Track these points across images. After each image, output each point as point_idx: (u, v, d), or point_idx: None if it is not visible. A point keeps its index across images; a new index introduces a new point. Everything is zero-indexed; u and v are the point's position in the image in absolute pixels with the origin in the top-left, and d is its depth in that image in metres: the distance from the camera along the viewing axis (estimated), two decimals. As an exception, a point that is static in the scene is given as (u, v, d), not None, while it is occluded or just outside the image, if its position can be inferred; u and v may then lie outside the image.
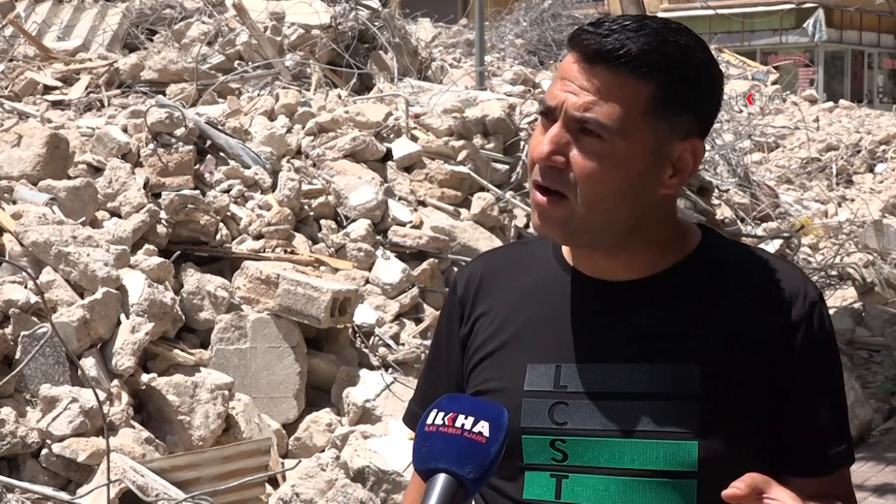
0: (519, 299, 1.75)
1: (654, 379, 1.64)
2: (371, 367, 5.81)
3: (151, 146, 6.49)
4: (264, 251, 6.25)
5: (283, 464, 5.20)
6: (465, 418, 1.44)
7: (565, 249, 1.75)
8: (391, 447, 5.06)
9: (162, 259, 5.69)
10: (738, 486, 1.50)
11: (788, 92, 22.43)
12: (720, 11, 21.65)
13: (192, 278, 5.75)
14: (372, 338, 6.03)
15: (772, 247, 10.27)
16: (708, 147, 12.21)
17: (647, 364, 1.65)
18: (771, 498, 1.51)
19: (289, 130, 7.75)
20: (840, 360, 1.74)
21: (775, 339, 1.66)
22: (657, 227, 1.67)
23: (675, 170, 1.64)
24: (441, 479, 1.41)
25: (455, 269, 6.81)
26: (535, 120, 8.60)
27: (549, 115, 1.63)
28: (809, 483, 1.69)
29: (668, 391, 1.63)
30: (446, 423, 1.44)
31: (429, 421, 1.46)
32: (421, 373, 1.92)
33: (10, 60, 8.77)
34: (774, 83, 22.32)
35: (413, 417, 1.84)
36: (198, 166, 6.67)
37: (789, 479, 1.68)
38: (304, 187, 6.86)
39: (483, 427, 1.43)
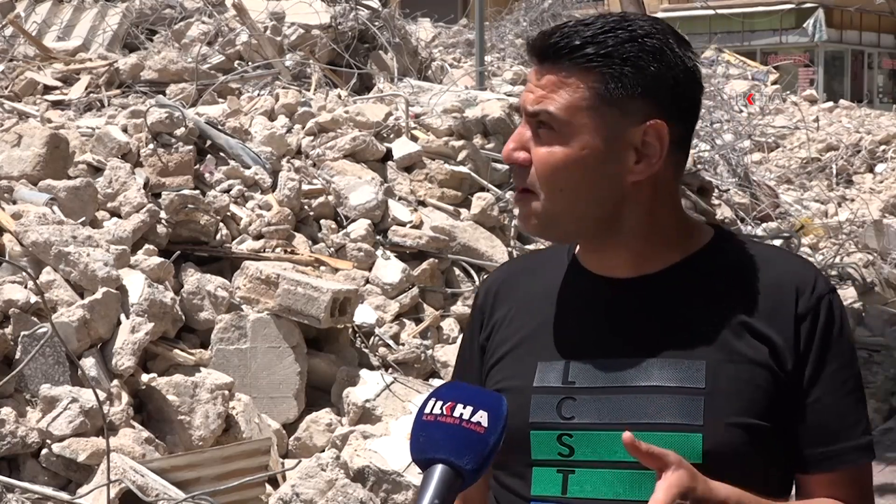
0: (533, 301, 1.78)
1: (660, 373, 1.66)
2: (371, 367, 5.81)
3: (151, 146, 6.49)
4: (264, 251, 6.25)
5: (283, 464, 5.20)
6: (464, 408, 1.43)
7: (577, 249, 1.79)
8: (391, 447, 5.06)
9: (162, 259, 5.69)
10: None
11: (788, 92, 22.43)
12: (720, 11, 21.63)
13: (192, 278, 5.75)
14: (372, 338, 6.03)
15: (772, 247, 10.27)
16: (707, 147, 12.26)
17: (653, 358, 1.67)
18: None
19: (289, 130, 7.75)
20: (855, 354, 1.73)
21: (781, 333, 1.67)
22: (645, 219, 1.68)
23: (641, 155, 1.65)
24: (439, 469, 1.40)
25: (455, 269, 6.81)
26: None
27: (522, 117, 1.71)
28: (820, 479, 1.71)
29: (674, 385, 1.65)
30: (444, 412, 1.43)
31: (427, 410, 1.44)
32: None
33: (10, 60, 8.77)
34: (774, 83, 22.32)
35: None
36: (198, 166, 6.67)
37: (798, 476, 1.72)
38: (304, 187, 6.86)
39: (482, 417, 1.42)
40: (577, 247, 1.79)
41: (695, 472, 1.54)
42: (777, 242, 10.28)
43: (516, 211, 1.75)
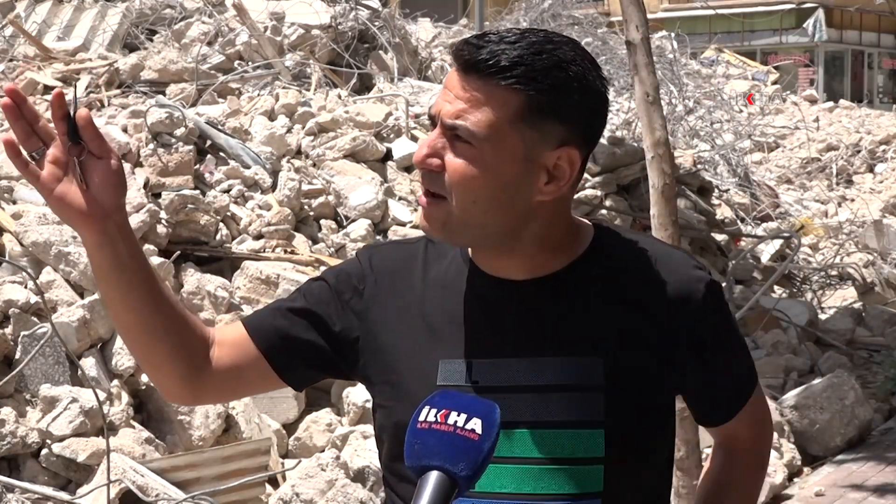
0: (426, 294, 1.81)
1: (560, 371, 1.72)
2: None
3: (151, 146, 6.49)
4: (264, 251, 6.26)
5: (283, 464, 5.20)
6: (458, 415, 1.44)
7: (469, 250, 1.82)
8: (391, 447, 5.06)
9: (162, 259, 5.69)
10: None
11: (788, 92, 22.43)
12: (720, 11, 21.65)
13: (192, 278, 5.75)
14: (372, 338, 6.02)
15: (772, 247, 10.28)
16: (708, 147, 12.26)
17: (553, 357, 1.73)
18: None
19: (289, 130, 7.76)
20: (735, 324, 1.87)
21: (671, 323, 1.76)
22: (544, 231, 1.74)
23: (551, 177, 1.70)
24: (433, 476, 1.41)
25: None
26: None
27: (433, 122, 1.72)
28: (725, 426, 1.89)
29: (575, 383, 1.71)
30: (438, 419, 1.44)
31: (421, 418, 1.46)
32: (290, 295, 1.92)
33: (10, 60, 8.77)
34: (774, 83, 22.33)
35: (255, 319, 1.86)
36: (198, 166, 6.67)
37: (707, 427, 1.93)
38: (304, 187, 6.86)
39: (475, 424, 1.43)
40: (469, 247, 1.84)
41: None
42: (777, 242, 10.28)
43: (421, 213, 1.76)
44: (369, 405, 6.19)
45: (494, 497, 1.70)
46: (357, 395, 5.46)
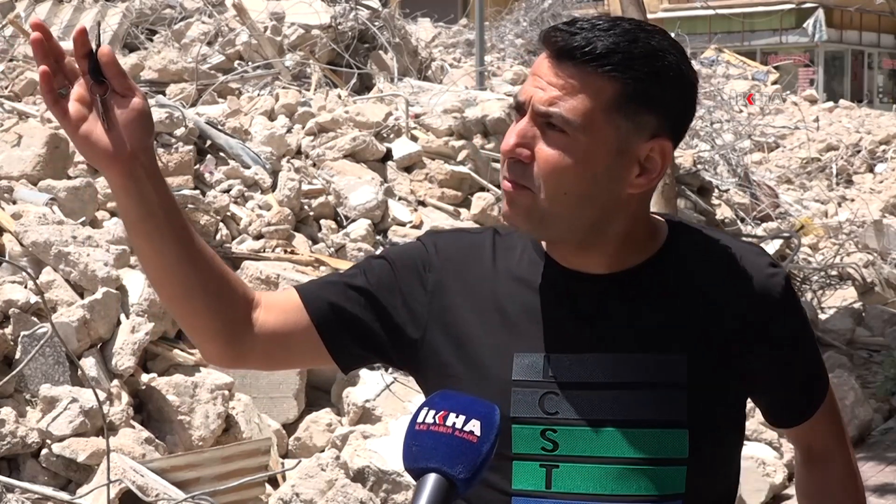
0: (498, 285, 1.74)
1: (641, 368, 1.67)
2: (371, 367, 5.81)
3: (151, 146, 6.49)
4: (264, 251, 6.25)
5: (283, 464, 5.20)
6: (457, 417, 1.41)
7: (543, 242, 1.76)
8: (391, 447, 5.06)
9: (162, 259, 5.68)
10: None
11: (788, 92, 22.44)
12: (720, 11, 21.65)
13: (192, 278, 5.75)
14: (372, 338, 6.02)
15: (772, 247, 10.28)
16: (708, 147, 12.26)
17: (634, 354, 1.67)
18: None
19: (289, 130, 7.76)
20: (808, 322, 1.82)
21: (749, 320, 1.71)
22: (628, 226, 1.69)
23: (643, 169, 1.65)
24: (431, 478, 1.39)
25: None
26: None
27: (520, 110, 1.66)
28: (804, 428, 1.85)
29: (656, 380, 1.66)
30: (437, 421, 1.42)
31: (419, 419, 1.43)
32: (348, 270, 1.84)
33: (10, 60, 8.76)
34: (774, 83, 22.33)
35: (310, 288, 1.79)
36: (198, 166, 6.67)
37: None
38: (304, 187, 6.86)
39: (474, 426, 1.41)
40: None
41: None
42: (777, 242, 10.29)
43: (505, 202, 1.67)
44: (369, 405, 6.13)
45: (575, 498, 1.65)
46: (357, 394, 5.46)
